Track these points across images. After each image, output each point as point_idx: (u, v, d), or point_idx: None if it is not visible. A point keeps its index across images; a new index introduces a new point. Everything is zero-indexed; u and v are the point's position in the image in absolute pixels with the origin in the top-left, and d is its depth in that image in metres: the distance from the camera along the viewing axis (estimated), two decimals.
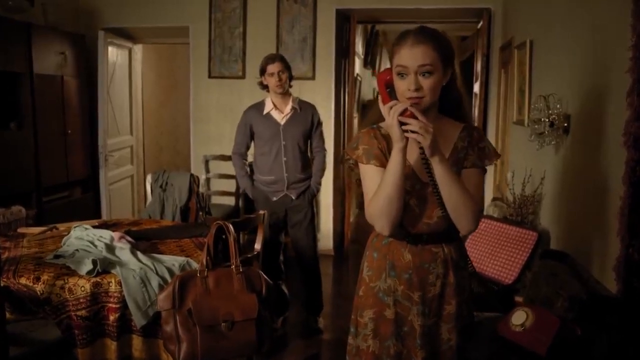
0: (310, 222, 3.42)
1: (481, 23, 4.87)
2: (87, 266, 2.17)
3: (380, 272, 1.65)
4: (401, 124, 1.45)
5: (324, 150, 3.47)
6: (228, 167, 3.57)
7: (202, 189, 5.19)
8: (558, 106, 2.61)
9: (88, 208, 5.11)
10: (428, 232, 1.61)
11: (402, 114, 1.45)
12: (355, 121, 6.54)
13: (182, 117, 6.75)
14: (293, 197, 3.35)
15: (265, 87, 3.34)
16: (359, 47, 6.72)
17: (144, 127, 6.59)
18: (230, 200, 5.15)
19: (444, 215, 1.56)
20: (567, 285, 2.11)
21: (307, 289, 3.55)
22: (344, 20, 5.18)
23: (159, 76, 7.10)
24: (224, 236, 2.27)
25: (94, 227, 2.90)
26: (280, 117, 3.32)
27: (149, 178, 3.83)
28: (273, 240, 3.36)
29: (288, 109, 3.32)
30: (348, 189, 5.37)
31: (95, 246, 2.44)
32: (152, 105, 6.95)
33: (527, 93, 3.40)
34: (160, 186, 3.76)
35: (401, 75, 1.50)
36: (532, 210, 3.06)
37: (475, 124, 1.75)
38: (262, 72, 3.30)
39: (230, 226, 2.22)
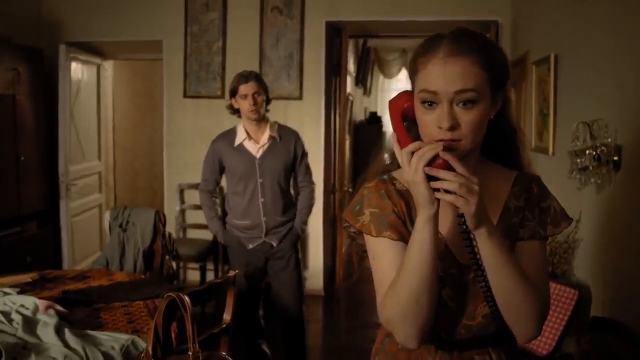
0: (295, 270, 2.84)
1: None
2: None
3: None
4: (429, 178, 0.91)
5: (312, 184, 2.91)
6: None
7: (176, 222, 4.64)
8: (605, 135, 2.10)
9: (46, 245, 4.49)
10: (469, 337, 1.06)
11: (432, 163, 0.91)
12: (347, 143, 6.04)
13: (160, 138, 6.19)
14: (274, 244, 2.78)
15: (236, 111, 2.77)
16: (351, 64, 6.25)
17: (117, 151, 6.02)
18: (207, 235, 4.58)
19: (492, 312, 1.01)
20: None
21: (289, 348, 2.95)
22: (335, 34, 4.68)
23: (134, 95, 6.53)
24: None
25: (27, 284, 2.33)
26: (256, 149, 2.74)
27: (107, 216, 3.26)
28: (250, 293, 2.79)
29: (265, 138, 2.75)
30: (340, 220, 4.82)
31: (12, 321, 1.86)
32: (126, 127, 6.37)
33: (552, 117, 2.89)
34: (120, 225, 3.18)
35: (428, 104, 0.96)
36: (566, 259, 2.52)
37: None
38: (234, 93, 2.72)
39: (187, 299, 1.65)
